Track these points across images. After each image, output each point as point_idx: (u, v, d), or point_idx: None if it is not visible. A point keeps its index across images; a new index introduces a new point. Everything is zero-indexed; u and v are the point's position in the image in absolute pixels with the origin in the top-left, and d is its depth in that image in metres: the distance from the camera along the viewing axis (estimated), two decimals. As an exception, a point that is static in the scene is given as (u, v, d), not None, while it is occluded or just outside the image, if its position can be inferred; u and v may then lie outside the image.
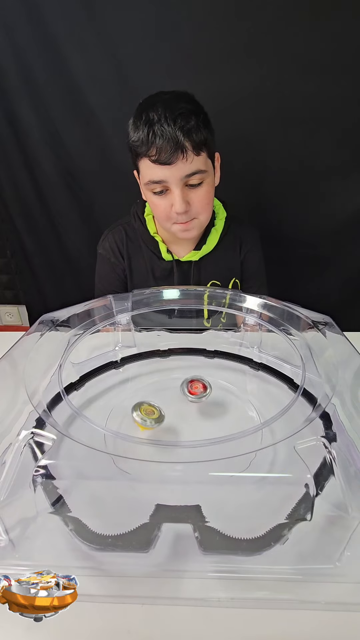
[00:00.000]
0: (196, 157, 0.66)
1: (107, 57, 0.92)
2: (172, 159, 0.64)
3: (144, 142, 0.65)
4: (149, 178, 0.69)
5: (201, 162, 0.68)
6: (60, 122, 1.01)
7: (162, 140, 0.63)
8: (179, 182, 0.67)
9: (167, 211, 0.72)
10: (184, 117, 0.64)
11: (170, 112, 0.64)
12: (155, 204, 0.72)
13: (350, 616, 0.35)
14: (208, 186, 0.72)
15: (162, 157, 0.64)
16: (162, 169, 0.66)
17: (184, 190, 0.69)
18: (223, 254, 0.85)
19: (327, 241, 1.10)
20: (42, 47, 0.93)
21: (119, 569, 0.38)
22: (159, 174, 0.67)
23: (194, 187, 0.70)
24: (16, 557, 0.37)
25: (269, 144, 0.99)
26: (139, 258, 0.86)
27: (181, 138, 0.63)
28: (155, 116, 0.64)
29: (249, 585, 0.37)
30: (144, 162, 0.68)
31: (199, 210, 0.73)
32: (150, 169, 0.67)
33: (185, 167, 0.66)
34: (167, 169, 0.66)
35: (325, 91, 0.91)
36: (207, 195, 0.72)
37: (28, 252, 1.21)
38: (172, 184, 0.68)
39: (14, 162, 1.07)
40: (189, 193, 0.70)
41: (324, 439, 0.39)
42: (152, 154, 0.65)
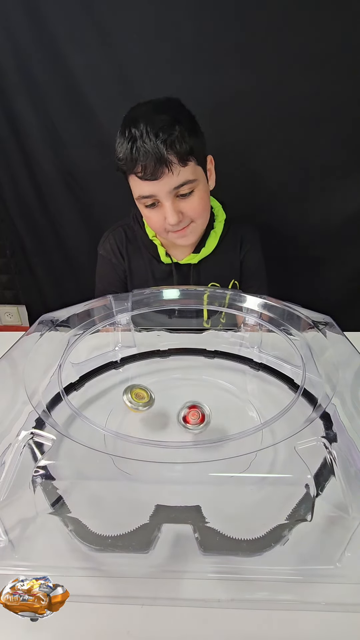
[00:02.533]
0: (183, 169, 0.66)
1: (107, 56, 0.92)
2: (157, 174, 0.64)
3: (129, 159, 0.65)
4: (138, 193, 0.69)
5: (189, 172, 0.67)
6: (60, 122, 1.01)
7: (145, 156, 0.63)
8: (168, 195, 0.67)
9: (160, 223, 0.72)
10: (165, 130, 0.63)
11: (152, 126, 0.63)
12: (148, 217, 0.73)
13: (351, 617, 0.35)
14: (200, 193, 0.71)
15: (147, 173, 0.64)
16: (150, 185, 0.66)
17: (174, 202, 0.69)
18: (222, 256, 0.85)
19: (327, 241, 1.10)
20: (42, 47, 0.92)
21: (118, 570, 0.38)
22: (146, 189, 0.67)
23: (185, 196, 0.69)
24: (16, 557, 0.37)
25: (269, 144, 0.99)
26: (139, 260, 0.86)
27: (164, 152, 0.62)
28: (137, 132, 0.63)
29: (249, 586, 0.37)
30: (132, 178, 0.69)
31: (193, 216, 0.73)
32: (139, 185, 0.67)
33: (172, 180, 0.66)
34: (154, 184, 0.66)
35: (325, 91, 0.91)
36: (199, 203, 0.71)
37: (28, 252, 1.20)
38: (162, 198, 0.68)
39: (14, 162, 1.07)
40: (180, 203, 0.70)
41: (325, 439, 0.39)
42: (137, 171, 0.65)
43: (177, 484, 0.37)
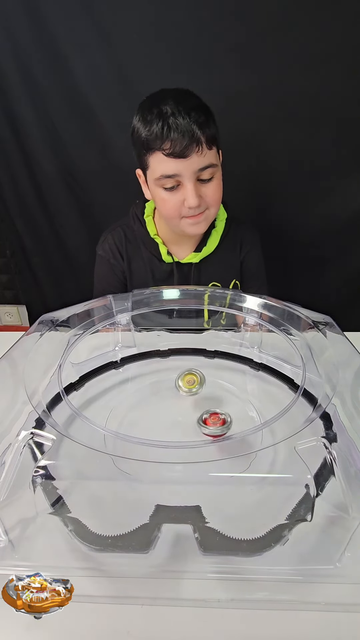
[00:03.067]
0: (209, 151, 0.66)
1: (107, 57, 0.92)
2: (187, 151, 0.64)
3: (158, 135, 0.64)
4: (161, 172, 0.67)
5: (213, 156, 0.68)
6: (60, 122, 1.01)
7: (178, 133, 0.63)
8: (192, 176, 0.67)
9: (177, 206, 0.70)
10: (197, 111, 0.64)
11: (184, 105, 0.64)
12: (165, 199, 0.71)
13: (350, 617, 0.35)
14: (218, 180, 0.72)
15: (177, 149, 0.64)
16: (176, 163, 0.65)
17: (196, 185, 0.68)
18: (223, 255, 0.84)
19: (327, 241, 1.10)
20: (42, 47, 0.92)
21: (118, 570, 0.38)
22: (172, 167, 0.66)
23: (205, 182, 0.69)
24: (16, 557, 0.37)
25: (269, 144, 0.99)
26: (138, 260, 0.85)
27: (197, 131, 0.63)
28: (169, 109, 0.63)
29: (249, 586, 0.37)
30: (156, 156, 0.67)
31: (210, 203, 0.72)
32: (163, 162, 0.66)
33: (199, 160, 0.66)
34: (181, 162, 0.65)
35: (325, 91, 0.91)
36: (218, 190, 0.72)
37: (28, 252, 1.20)
38: (185, 178, 0.67)
39: (14, 162, 1.07)
40: (201, 188, 0.69)
41: (325, 439, 0.39)
42: (166, 147, 0.64)
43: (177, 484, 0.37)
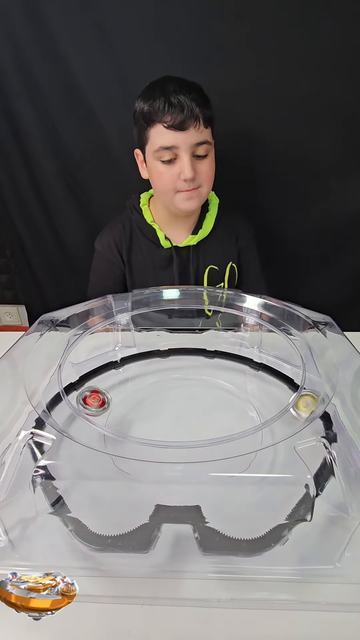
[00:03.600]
0: (205, 129, 0.72)
1: (107, 56, 0.92)
2: (186, 125, 0.69)
3: (160, 109, 0.69)
4: (160, 144, 0.72)
5: (208, 135, 0.74)
6: (60, 122, 1.01)
7: (179, 107, 0.69)
8: (188, 149, 0.72)
9: (173, 179, 0.75)
10: (197, 92, 0.71)
11: (186, 86, 0.71)
12: (162, 172, 0.75)
13: (350, 617, 0.35)
14: (212, 160, 0.77)
15: (176, 122, 0.69)
16: (175, 135, 0.70)
17: (192, 159, 0.73)
18: (219, 238, 0.88)
19: (327, 241, 1.10)
20: (42, 47, 0.92)
21: (118, 570, 0.38)
22: (171, 139, 0.71)
23: (200, 158, 0.75)
24: (16, 557, 0.37)
25: (269, 144, 0.99)
26: (138, 251, 0.87)
27: (195, 108, 0.69)
28: (171, 87, 0.70)
29: (249, 586, 0.37)
30: (157, 128, 0.72)
31: (203, 179, 0.77)
32: (163, 134, 0.71)
33: (196, 135, 0.71)
34: (179, 135, 0.70)
35: (325, 91, 0.91)
36: (210, 168, 0.77)
37: (28, 252, 1.20)
38: (182, 150, 0.72)
39: (14, 162, 1.07)
40: (196, 163, 0.74)
41: (324, 439, 0.39)
42: (167, 120, 0.70)
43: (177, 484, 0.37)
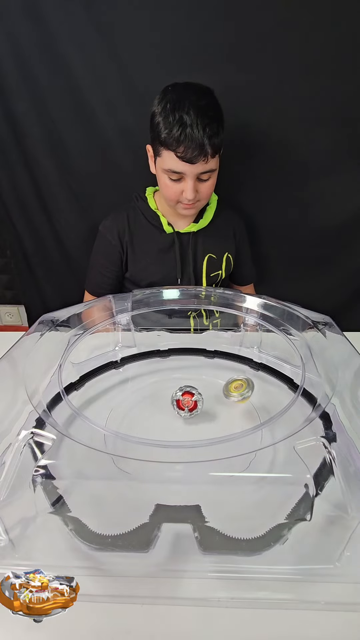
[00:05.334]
0: (212, 159, 0.79)
1: (108, 56, 0.92)
2: (195, 159, 0.76)
3: (175, 139, 0.75)
4: (170, 167, 0.79)
5: (214, 163, 0.81)
6: (60, 122, 1.00)
7: (192, 143, 0.74)
8: (194, 177, 0.80)
9: (177, 194, 0.83)
10: (211, 126, 0.75)
11: (202, 118, 0.74)
12: (168, 185, 0.83)
13: (350, 616, 0.35)
14: (213, 180, 0.85)
15: (187, 156, 0.76)
16: (184, 165, 0.77)
17: (195, 183, 0.81)
18: (218, 229, 0.95)
19: (327, 241, 1.10)
20: (42, 46, 0.92)
21: (118, 569, 0.38)
22: (180, 167, 0.78)
23: (203, 180, 0.82)
24: (16, 557, 0.37)
25: (269, 144, 0.99)
26: (141, 236, 0.94)
27: (207, 144, 0.75)
28: (188, 120, 0.74)
29: (249, 585, 0.37)
30: (170, 154, 0.78)
31: (202, 196, 0.85)
32: (174, 161, 0.78)
33: (203, 167, 0.78)
34: (188, 166, 0.78)
35: (325, 91, 0.91)
36: (210, 188, 0.85)
37: (28, 252, 1.20)
38: (188, 177, 0.80)
39: (14, 162, 1.07)
40: (199, 185, 0.82)
41: (324, 439, 0.39)
42: (179, 151, 0.76)
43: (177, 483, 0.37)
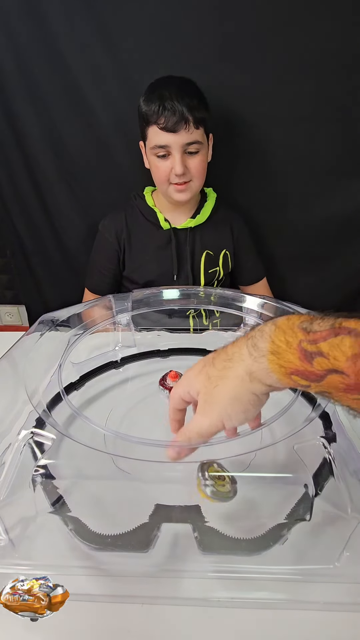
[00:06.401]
0: (195, 130, 0.80)
1: (108, 56, 0.92)
2: (177, 127, 0.77)
3: (155, 112, 0.78)
4: (155, 143, 0.81)
5: (199, 135, 0.81)
6: (60, 122, 1.00)
7: (171, 112, 0.77)
8: (180, 148, 0.80)
9: (166, 172, 0.83)
10: (191, 98, 0.78)
11: (180, 92, 0.77)
12: (158, 166, 0.84)
13: (350, 616, 0.35)
14: (203, 156, 0.85)
15: (169, 125, 0.77)
16: (167, 136, 0.79)
17: (183, 156, 0.82)
18: (215, 226, 0.95)
19: (327, 241, 1.09)
20: (42, 46, 0.92)
21: (118, 569, 0.38)
22: (164, 139, 0.79)
23: (191, 155, 0.83)
24: (16, 556, 0.37)
25: (269, 144, 0.99)
26: (138, 233, 0.94)
27: (186, 112, 0.77)
28: (167, 93, 0.77)
29: (249, 585, 0.37)
30: (153, 129, 0.80)
31: (194, 174, 0.85)
32: (158, 135, 0.80)
33: (187, 136, 0.79)
34: (171, 136, 0.79)
35: (325, 91, 0.91)
36: (201, 164, 0.85)
37: (28, 252, 1.20)
38: (174, 149, 0.80)
39: (13, 162, 1.07)
40: (187, 159, 0.83)
41: (324, 439, 0.39)
42: (160, 122, 0.78)
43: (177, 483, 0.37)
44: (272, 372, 0.31)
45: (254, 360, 0.32)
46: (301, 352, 0.29)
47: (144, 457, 0.35)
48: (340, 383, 0.27)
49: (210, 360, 0.36)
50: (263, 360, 0.31)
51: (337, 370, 0.27)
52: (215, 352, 0.37)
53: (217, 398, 0.34)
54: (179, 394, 0.38)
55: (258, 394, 0.33)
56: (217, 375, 0.34)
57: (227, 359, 0.34)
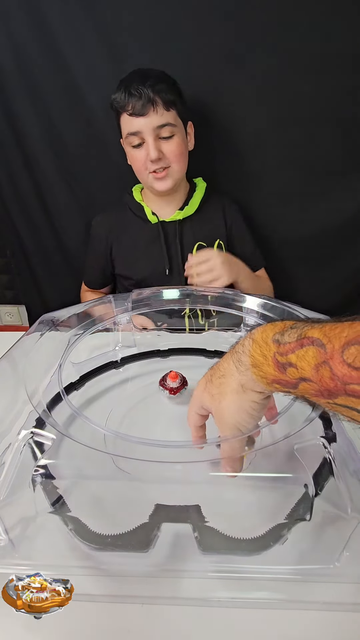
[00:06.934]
0: (166, 112, 0.78)
1: (108, 56, 0.92)
2: (144, 110, 0.76)
3: (123, 99, 0.78)
4: (127, 131, 0.80)
5: (171, 117, 0.79)
6: (60, 121, 1.00)
7: (137, 96, 0.76)
8: (151, 132, 0.78)
9: (142, 161, 0.82)
10: (154, 80, 0.77)
11: (145, 77, 0.77)
12: (134, 157, 0.83)
13: (350, 616, 0.35)
14: (179, 140, 0.82)
15: (136, 109, 0.77)
16: (137, 120, 0.77)
17: (157, 141, 0.80)
18: (206, 215, 0.92)
19: (327, 241, 1.09)
20: (42, 46, 0.92)
21: (118, 569, 0.38)
22: (135, 125, 0.78)
23: (166, 139, 0.80)
24: (16, 556, 0.37)
25: (269, 144, 0.99)
26: (128, 230, 0.94)
27: (151, 94, 0.76)
28: (133, 82, 0.77)
29: (249, 585, 0.37)
30: (124, 117, 0.79)
31: (171, 159, 0.82)
32: (128, 122, 0.79)
33: (157, 118, 0.77)
34: (141, 120, 0.77)
35: (325, 91, 0.91)
36: (177, 147, 0.82)
37: (28, 252, 1.20)
38: (146, 134, 0.79)
39: (13, 162, 1.07)
40: (162, 144, 0.81)
41: (324, 439, 0.39)
42: (128, 109, 0.77)
43: (177, 483, 0.37)
44: (257, 382, 0.35)
45: (241, 373, 0.36)
46: (276, 363, 0.32)
47: (144, 457, 0.35)
48: (311, 389, 0.30)
49: (209, 378, 0.40)
50: (248, 372, 0.35)
51: (305, 378, 0.30)
52: (211, 369, 0.41)
53: (225, 413, 0.37)
54: (194, 411, 0.41)
55: (256, 400, 0.36)
56: (217, 392, 0.38)
57: (221, 376, 0.38)
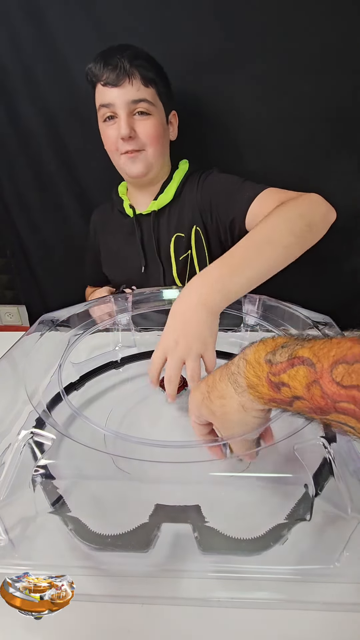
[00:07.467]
0: (144, 87, 0.72)
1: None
2: (119, 81, 0.71)
3: (98, 69, 0.72)
4: (100, 102, 0.74)
5: (149, 94, 0.73)
6: (61, 121, 1.01)
7: (113, 66, 0.71)
8: (125, 106, 0.72)
9: (114, 139, 0.76)
10: (133, 53, 0.72)
11: (124, 48, 0.72)
12: (107, 134, 0.77)
13: (350, 616, 0.35)
14: (156, 121, 0.75)
15: (110, 79, 0.71)
16: (111, 91, 0.72)
17: (130, 117, 0.73)
18: (183, 202, 0.84)
19: (327, 241, 1.09)
20: (42, 46, 0.92)
21: (118, 569, 0.38)
22: (108, 96, 0.72)
23: (141, 116, 0.74)
24: (16, 556, 0.37)
25: (269, 144, 0.99)
26: (111, 225, 0.93)
27: (127, 66, 0.71)
28: (109, 51, 0.73)
29: (249, 586, 0.37)
30: (98, 88, 0.74)
31: (146, 141, 0.76)
32: (102, 93, 0.73)
33: (132, 92, 0.72)
34: (115, 91, 0.71)
35: (325, 91, 0.91)
36: (153, 129, 0.75)
37: (28, 252, 1.20)
38: (119, 107, 0.72)
39: (14, 162, 1.07)
40: (136, 122, 0.74)
41: (324, 439, 0.39)
42: (102, 78, 0.72)
43: (177, 483, 0.37)
44: (255, 401, 0.35)
45: (240, 395, 0.37)
46: (269, 383, 0.33)
47: (144, 457, 0.35)
48: (304, 407, 0.31)
49: (206, 395, 0.40)
50: (245, 394, 0.36)
51: (298, 397, 0.31)
52: (205, 383, 0.41)
53: (230, 424, 0.39)
54: (195, 422, 0.43)
55: (258, 416, 0.37)
56: (220, 411, 0.39)
57: (220, 397, 0.38)
